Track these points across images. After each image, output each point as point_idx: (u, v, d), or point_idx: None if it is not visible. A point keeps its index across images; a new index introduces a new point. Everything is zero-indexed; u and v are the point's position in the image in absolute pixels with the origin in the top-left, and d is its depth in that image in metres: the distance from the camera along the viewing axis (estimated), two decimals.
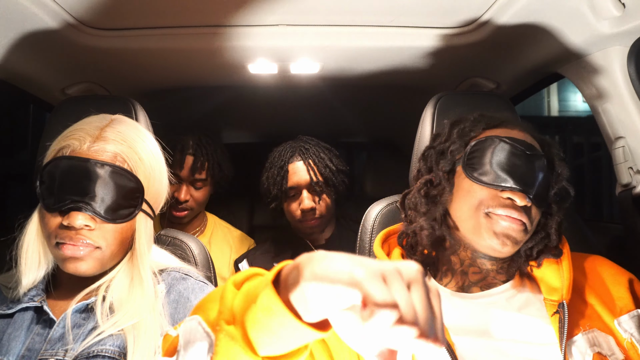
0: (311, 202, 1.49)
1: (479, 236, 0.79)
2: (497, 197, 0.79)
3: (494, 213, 0.78)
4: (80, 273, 0.78)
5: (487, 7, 1.12)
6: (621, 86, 1.11)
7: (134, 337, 0.75)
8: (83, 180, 0.76)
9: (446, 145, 0.89)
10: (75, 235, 0.76)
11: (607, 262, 0.87)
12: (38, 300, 0.81)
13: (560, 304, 0.76)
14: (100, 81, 1.48)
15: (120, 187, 0.78)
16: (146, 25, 1.19)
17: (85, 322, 0.79)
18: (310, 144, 1.57)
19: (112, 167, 0.78)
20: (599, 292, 0.81)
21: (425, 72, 1.49)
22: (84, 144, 0.78)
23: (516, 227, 0.77)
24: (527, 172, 0.79)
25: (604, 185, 6.62)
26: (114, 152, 0.79)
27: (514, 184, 0.78)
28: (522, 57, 1.32)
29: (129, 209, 0.80)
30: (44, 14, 1.06)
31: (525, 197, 0.78)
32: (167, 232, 1.13)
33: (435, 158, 0.90)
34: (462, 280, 0.85)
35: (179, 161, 1.61)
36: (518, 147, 0.81)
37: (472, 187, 0.82)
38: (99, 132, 0.80)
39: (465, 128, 0.88)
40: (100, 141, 0.79)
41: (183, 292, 0.85)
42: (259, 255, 1.60)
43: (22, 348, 0.76)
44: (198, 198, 1.66)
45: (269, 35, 1.23)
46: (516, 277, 0.85)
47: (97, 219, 0.77)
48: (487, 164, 0.81)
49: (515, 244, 0.78)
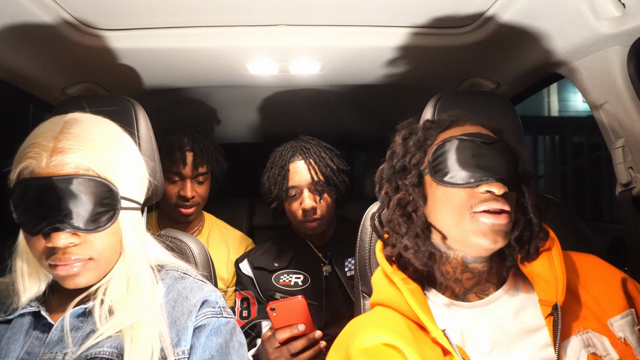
0: (312, 201, 1.49)
1: (467, 240, 0.79)
2: (475, 195, 0.78)
3: (477, 212, 0.78)
4: (81, 286, 0.78)
5: (487, 7, 1.12)
6: (621, 86, 1.11)
7: (131, 337, 0.75)
8: (52, 200, 0.72)
9: (406, 159, 0.88)
10: (63, 255, 0.74)
11: (600, 262, 0.87)
12: (35, 305, 0.81)
13: (554, 306, 0.76)
14: (100, 81, 1.48)
15: (93, 195, 0.74)
16: (146, 26, 1.19)
17: (83, 325, 0.79)
18: (311, 143, 1.58)
19: (76, 178, 0.73)
20: (593, 292, 0.81)
21: (425, 72, 1.49)
22: (41, 161, 0.73)
23: (501, 221, 0.77)
24: (492, 161, 0.79)
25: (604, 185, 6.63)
26: (75, 162, 0.74)
27: (486, 176, 0.78)
28: (522, 57, 1.32)
29: (108, 213, 0.76)
30: (44, 13, 1.06)
31: (502, 185, 0.77)
32: (167, 232, 1.13)
33: (399, 175, 0.89)
34: (458, 287, 0.84)
35: (179, 159, 1.63)
36: (476, 141, 0.81)
37: (447, 193, 0.81)
38: (54, 143, 0.74)
39: (419, 138, 0.88)
40: (57, 154, 0.73)
41: (182, 291, 0.85)
42: (260, 256, 1.60)
43: (21, 352, 0.76)
44: (202, 193, 1.70)
45: (269, 35, 1.23)
46: (510, 280, 0.85)
47: (80, 233, 0.75)
48: (453, 166, 0.80)
49: (505, 237, 0.78)
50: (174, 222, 1.71)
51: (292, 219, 1.57)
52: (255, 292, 1.55)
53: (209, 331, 0.81)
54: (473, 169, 0.79)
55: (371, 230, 1.10)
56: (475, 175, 0.78)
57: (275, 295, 1.52)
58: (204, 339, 0.80)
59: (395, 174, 0.90)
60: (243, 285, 1.57)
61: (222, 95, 1.81)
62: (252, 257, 1.60)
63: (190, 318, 0.81)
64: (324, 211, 1.52)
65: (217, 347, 0.80)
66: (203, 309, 0.83)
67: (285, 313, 1.06)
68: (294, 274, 1.56)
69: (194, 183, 1.67)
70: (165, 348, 0.76)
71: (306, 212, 1.49)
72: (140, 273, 0.81)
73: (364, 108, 2.01)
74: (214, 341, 0.80)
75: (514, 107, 1.20)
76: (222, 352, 0.80)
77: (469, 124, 0.87)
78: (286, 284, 1.54)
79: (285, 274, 1.56)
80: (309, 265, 1.56)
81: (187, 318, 0.80)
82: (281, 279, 1.55)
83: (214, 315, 0.83)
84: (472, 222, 0.78)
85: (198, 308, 0.82)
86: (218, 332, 0.82)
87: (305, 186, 1.50)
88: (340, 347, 0.83)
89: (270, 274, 1.55)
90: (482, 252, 0.80)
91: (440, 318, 0.81)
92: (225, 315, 0.85)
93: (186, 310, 0.81)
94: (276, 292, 1.53)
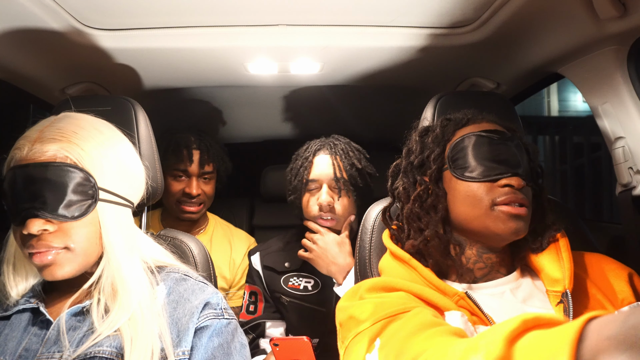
0: (329, 197, 1.40)
1: (488, 232, 0.82)
2: (494, 189, 0.81)
3: (497, 204, 0.80)
4: (59, 278, 0.77)
5: (487, 7, 1.12)
6: (621, 86, 1.11)
7: (130, 337, 0.75)
8: (29, 187, 0.74)
9: (424, 155, 0.91)
10: (37, 242, 0.74)
11: (607, 258, 0.89)
12: (34, 302, 0.81)
13: (564, 294, 0.78)
14: (100, 81, 1.48)
15: (67, 183, 0.75)
16: (146, 26, 1.19)
17: (81, 324, 0.79)
18: (340, 140, 1.51)
19: (51, 165, 0.75)
20: (601, 286, 0.83)
21: (425, 72, 1.49)
22: (24, 151, 0.76)
23: (521, 212, 0.80)
24: (510, 156, 0.83)
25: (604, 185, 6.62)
26: (53, 149, 0.76)
27: (505, 170, 0.81)
28: (522, 57, 1.32)
29: (84, 202, 0.77)
30: (43, 13, 1.06)
31: (520, 179, 0.81)
32: (167, 232, 1.13)
33: (417, 171, 0.92)
34: (469, 277, 0.87)
35: (186, 156, 1.66)
36: (494, 137, 0.85)
37: (468, 187, 0.83)
38: (38, 134, 0.77)
39: (437, 135, 0.91)
40: (37, 143, 0.76)
41: (183, 293, 0.85)
42: (272, 254, 1.53)
43: (19, 348, 0.76)
44: (208, 191, 1.72)
45: (269, 35, 1.23)
46: (518, 270, 0.87)
47: (54, 221, 0.75)
48: (473, 161, 0.83)
49: (525, 228, 0.81)
50: (177, 221, 1.72)
51: (307, 214, 1.47)
52: (262, 289, 1.51)
53: (211, 332, 0.81)
54: (492, 164, 0.82)
55: (371, 230, 1.10)
56: (494, 170, 0.82)
57: (281, 299, 1.47)
58: (206, 340, 0.80)
59: (414, 170, 0.92)
60: (253, 279, 1.53)
61: (222, 96, 1.81)
62: (264, 254, 1.53)
63: (192, 319, 0.81)
64: (341, 211, 1.42)
65: (219, 348, 0.81)
66: (205, 310, 0.83)
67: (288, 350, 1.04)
68: (305, 278, 1.49)
69: (200, 181, 1.68)
70: (166, 348, 0.76)
71: (322, 207, 1.40)
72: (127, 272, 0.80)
73: (364, 108, 2.01)
74: (215, 342, 0.81)
75: (514, 107, 1.20)
76: (224, 353, 0.81)
77: (485, 122, 0.90)
78: (295, 287, 1.47)
79: (296, 276, 1.49)
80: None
81: (188, 319, 0.81)
82: (290, 282, 1.48)
83: (216, 317, 0.83)
84: (492, 214, 0.81)
85: (200, 310, 0.82)
86: (220, 333, 0.82)
87: (326, 181, 1.42)
88: (354, 294, 0.86)
89: (279, 275, 1.49)
90: (501, 242, 0.83)
91: None
92: (227, 316, 0.85)
93: (188, 311, 0.81)
94: (282, 295, 1.47)
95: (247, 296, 1.52)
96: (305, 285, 1.48)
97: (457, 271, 0.88)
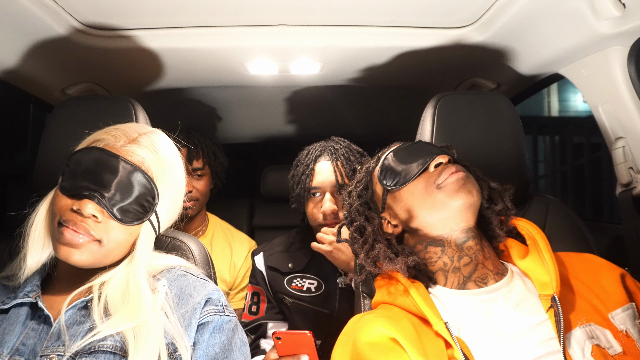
0: (333, 205, 1.38)
1: (449, 209, 0.84)
2: (430, 175, 0.87)
3: (440, 185, 0.85)
4: (72, 261, 0.78)
5: (487, 7, 1.12)
6: (621, 86, 1.11)
7: (134, 337, 0.75)
8: (106, 174, 0.78)
9: (364, 192, 0.99)
10: (80, 222, 0.77)
11: (598, 259, 0.89)
12: (33, 296, 0.81)
13: (552, 298, 0.78)
14: (100, 81, 1.48)
15: (138, 191, 0.81)
16: (146, 26, 1.19)
17: (85, 319, 0.79)
18: (341, 144, 1.48)
19: (136, 169, 0.80)
20: (593, 287, 0.83)
21: (425, 72, 1.49)
22: (118, 142, 0.82)
23: (462, 174, 0.85)
24: (425, 146, 0.94)
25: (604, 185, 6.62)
26: (143, 157, 0.82)
27: (429, 156, 0.89)
28: (522, 57, 1.32)
29: (139, 214, 0.81)
30: (44, 14, 1.06)
31: (445, 155, 0.89)
32: (166, 232, 1.13)
33: (366, 208, 0.98)
34: (457, 277, 0.86)
35: None
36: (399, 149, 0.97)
37: (409, 189, 0.88)
38: (136, 136, 0.84)
39: (361, 169, 1.04)
40: (133, 144, 0.83)
41: (185, 288, 0.85)
42: (275, 255, 1.53)
43: (16, 342, 0.77)
44: (200, 188, 1.71)
45: (269, 35, 1.23)
46: (509, 274, 0.87)
47: (106, 214, 0.78)
48: (398, 167, 0.91)
49: (474, 186, 0.85)
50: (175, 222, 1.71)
51: (312, 222, 1.46)
52: (265, 290, 1.50)
53: (212, 328, 0.82)
54: (417, 158, 0.90)
55: None
56: (421, 160, 0.89)
57: (284, 300, 1.46)
58: (208, 336, 0.81)
59: (363, 208, 0.98)
60: (256, 279, 1.52)
61: (222, 96, 1.81)
62: (268, 255, 1.52)
63: (195, 315, 0.82)
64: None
65: (220, 345, 0.81)
66: (207, 306, 0.84)
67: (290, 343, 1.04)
68: (308, 279, 1.48)
69: (192, 178, 1.67)
70: (174, 339, 0.77)
71: (326, 216, 1.39)
72: (141, 280, 0.82)
73: (364, 108, 2.01)
74: (217, 338, 0.82)
75: (514, 107, 1.20)
76: (225, 350, 0.81)
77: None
78: (298, 289, 1.46)
79: (299, 277, 1.48)
80: (325, 273, 1.46)
81: (191, 315, 0.81)
82: (293, 283, 1.47)
83: (217, 313, 0.84)
84: (442, 193, 0.84)
85: (202, 305, 0.83)
86: (221, 329, 0.83)
87: (328, 188, 1.41)
88: (346, 343, 0.84)
89: (283, 276, 1.48)
90: (465, 209, 0.84)
91: (444, 312, 0.83)
92: (228, 313, 0.86)
93: (190, 307, 0.82)
94: (285, 296, 1.46)
95: (250, 297, 1.51)
96: (309, 286, 1.47)
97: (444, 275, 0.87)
